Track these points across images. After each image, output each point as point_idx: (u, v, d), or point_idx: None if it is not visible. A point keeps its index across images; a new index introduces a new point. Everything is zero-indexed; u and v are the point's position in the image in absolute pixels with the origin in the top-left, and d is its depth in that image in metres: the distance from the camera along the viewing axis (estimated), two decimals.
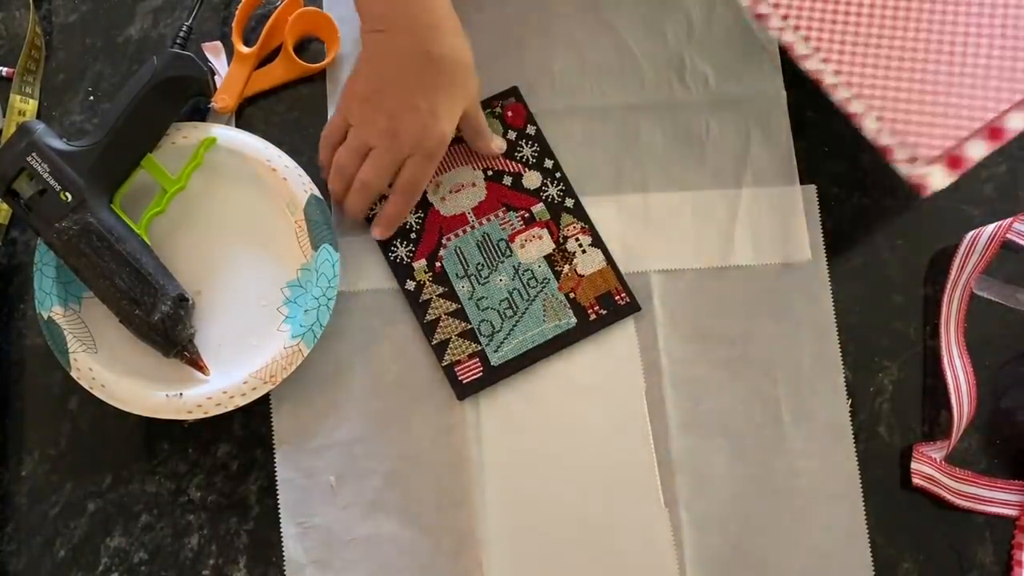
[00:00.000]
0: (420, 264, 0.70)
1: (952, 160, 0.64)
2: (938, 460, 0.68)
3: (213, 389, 0.66)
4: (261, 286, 0.69)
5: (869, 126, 0.66)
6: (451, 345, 0.68)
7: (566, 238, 0.70)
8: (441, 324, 0.69)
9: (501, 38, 0.75)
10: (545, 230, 0.71)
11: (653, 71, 0.75)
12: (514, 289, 0.69)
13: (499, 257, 0.70)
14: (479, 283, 0.70)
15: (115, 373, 0.66)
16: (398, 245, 0.70)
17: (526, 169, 0.72)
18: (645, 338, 0.69)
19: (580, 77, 0.74)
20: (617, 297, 0.69)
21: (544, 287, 0.70)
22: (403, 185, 0.68)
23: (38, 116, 0.74)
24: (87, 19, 0.76)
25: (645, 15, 0.76)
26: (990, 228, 0.70)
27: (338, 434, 0.68)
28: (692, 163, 0.73)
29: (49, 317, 0.66)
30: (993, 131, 0.64)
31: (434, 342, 0.68)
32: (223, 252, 0.69)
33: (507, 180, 0.72)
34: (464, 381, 0.68)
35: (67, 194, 0.64)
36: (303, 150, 0.72)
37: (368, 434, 0.68)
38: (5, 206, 0.71)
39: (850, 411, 0.69)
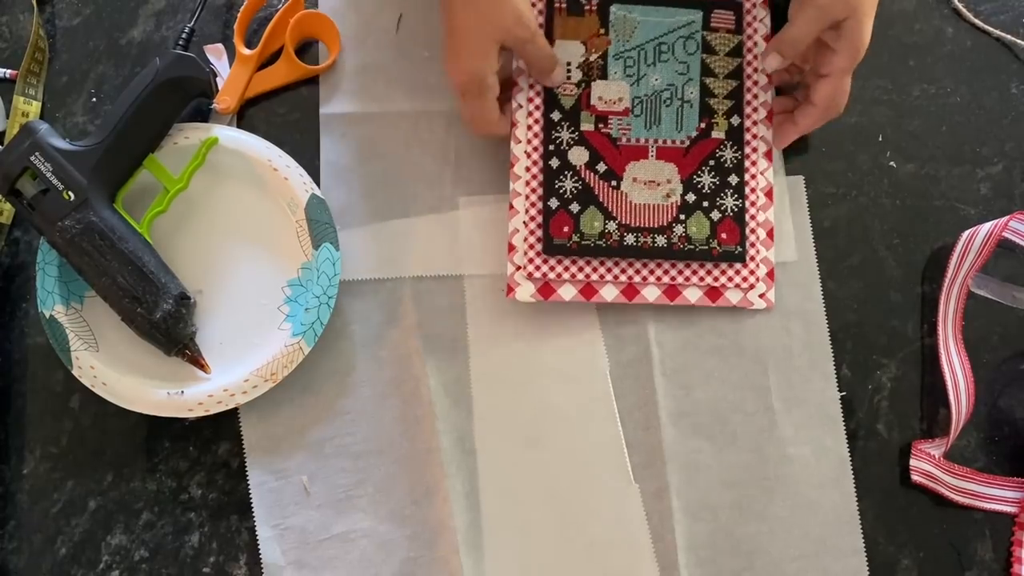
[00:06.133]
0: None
1: None
2: (937, 457, 0.68)
3: (214, 387, 0.66)
4: (262, 285, 0.69)
5: None
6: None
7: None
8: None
9: None
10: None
11: None
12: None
13: None
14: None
15: (117, 371, 0.66)
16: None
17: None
18: (635, 328, 0.70)
19: None
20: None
21: None
22: (466, 124, 0.69)
23: (41, 117, 0.74)
24: (90, 22, 0.77)
25: None
26: (986, 227, 0.71)
27: (307, 435, 0.68)
28: None
29: (51, 316, 0.66)
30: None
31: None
32: (225, 251, 0.70)
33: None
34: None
35: (70, 193, 0.65)
36: (304, 151, 0.72)
37: (337, 433, 0.68)
38: (8, 206, 0.72)
39: (847, 406, 0.69)
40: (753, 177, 0.70)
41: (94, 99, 0.75)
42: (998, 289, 0.72)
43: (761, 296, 0.70)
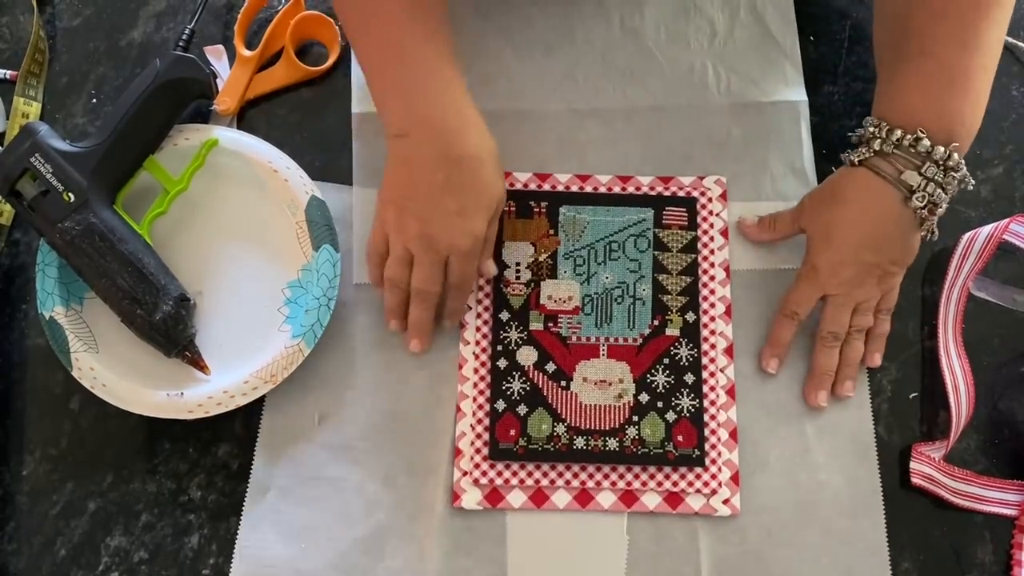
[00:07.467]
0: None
1: None
2: (937, 460, 0.68)
3: (214, 389, 0.66)
4: (262, 286, 0.69)
5: None
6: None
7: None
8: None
9: (527, 41, 0.76)
10: None
11: (675, 75, 0.75)
12: None
13: None
14: None
15: (116, 373, 0.66)
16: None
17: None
18: None
19: (603, 80, 0.75)
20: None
21: None
22: (454, 284, 0.66)
23: (41, 118, 0.74)
24: (90, 23, 0.77)
25: (668, 21, 0.76)
26: (987, 229, 0.71)
27: (333, 376, 0.68)
28: (713, 167, 0.73)
29: (51, 317, 0.66)
30: None
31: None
32: (224, 252, 0.70)
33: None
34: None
35: (70, 194, 0.65)
36: (304, 152, 0.72)
37: (362, 382, 0.68)
38: (8, 207, 0.72)
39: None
40: (712, 375, 0.68)
41: (94, 100, 0.75)
42: (998, 292, 0.72)
43: (725, 502, 0.66)
